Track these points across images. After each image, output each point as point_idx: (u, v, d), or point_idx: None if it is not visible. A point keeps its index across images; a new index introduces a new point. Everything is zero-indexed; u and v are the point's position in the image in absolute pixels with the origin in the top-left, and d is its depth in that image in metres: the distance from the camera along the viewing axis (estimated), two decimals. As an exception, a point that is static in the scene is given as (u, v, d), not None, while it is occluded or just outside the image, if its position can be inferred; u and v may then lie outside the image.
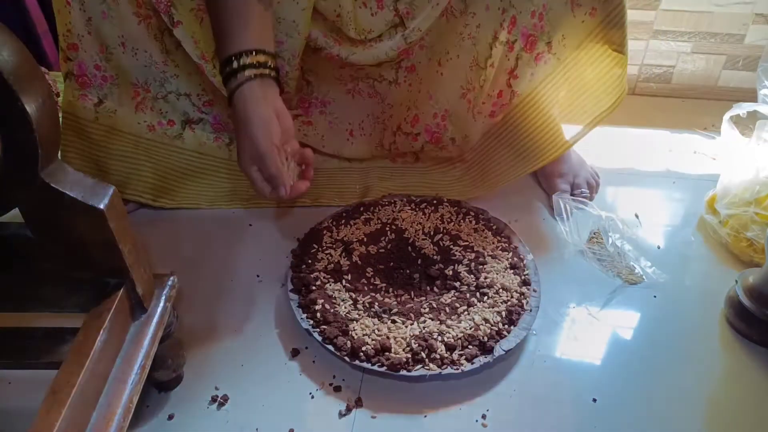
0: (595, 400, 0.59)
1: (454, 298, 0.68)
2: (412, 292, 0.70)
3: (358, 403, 0.59)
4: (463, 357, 0.60)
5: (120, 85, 0.79)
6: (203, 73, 0.76)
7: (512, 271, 0.70)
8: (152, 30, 0.75)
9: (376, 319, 0.65)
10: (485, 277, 0.69)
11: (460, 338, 0.61)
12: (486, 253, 0.73)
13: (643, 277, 0.73)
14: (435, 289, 0.70)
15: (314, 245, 0.74)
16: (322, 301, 0.66)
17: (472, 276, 0.70)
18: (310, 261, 0.72)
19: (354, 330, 0.62)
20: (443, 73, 0.81)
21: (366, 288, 0.70)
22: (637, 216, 0.83)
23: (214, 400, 0.59)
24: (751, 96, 0.81)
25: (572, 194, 0.85)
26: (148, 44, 0.76)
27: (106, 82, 0.78)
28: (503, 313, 0.64)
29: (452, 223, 0.78)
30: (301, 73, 0.82)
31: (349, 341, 0.61)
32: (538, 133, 0.82)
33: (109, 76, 0.78)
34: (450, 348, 0.60)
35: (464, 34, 0.78)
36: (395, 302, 0.68)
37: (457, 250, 0.74)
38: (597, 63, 0.78)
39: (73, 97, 0.78)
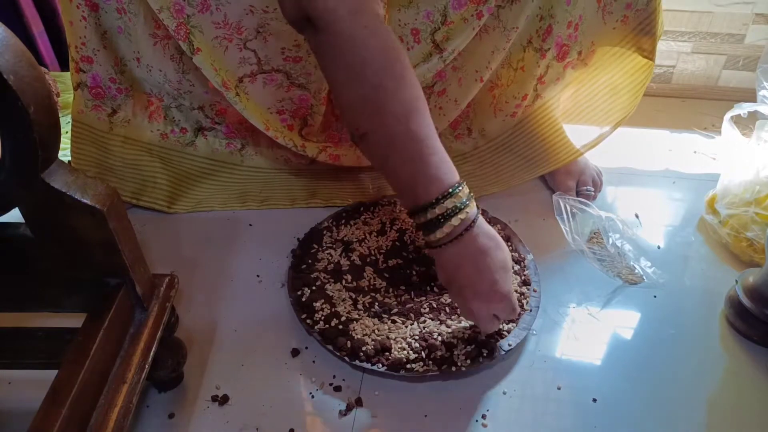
0: (595, 400, 0.59)
1: (454, 298, 0.68)
2: (412, 292, 0.70)
3: (358, 403, 0.59)
4: (463, 357, 0.60)
5: (134, 96, 0.80)
6: (223, 97, 0.75)
7: (512, 270, 0.70)
8: (169, 51, 0.75)
9: (376, 319, 0.65)
10: (485, 277, 0.69)
11: (460, 338, 0.61)
12: (486, 253, 0.73)
13: (643, 277, 0.73)
14: (435, 289, 0.70)
15: (314, 245, 0.74)
16: (322, 301, 0.66)
17: (472, 276, 0.70)
18: (310, 261, 0.72)
19: (354, 330, 0.62)
20: (484, 82, 0.80)
21: (366, 288, 0.70)
22: (637, 216, 0.83)
23: (214, 399, 0.59)
24: (751, 96, 0.81)
25: (577, 191, 0.85)
26: (163, 64, 0.76)
27: (121, 94, 0.79)
28: (503, 313, 0.64)
29: (452, 223, 0.78)
30: (330, 108, 0.81)
31: (349, 341, 0.61)
32: (556, 135, 0.82)
33: (124, 89, 0.78)
34: (450, 348, 0.60)
35: (506, 48, 0.75)
36: (395, 302, 0.68)
37: (457, 250, 0.74)
38: (622, 67, 0.79)
39: (86, 107, 0.78)
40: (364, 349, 0.60)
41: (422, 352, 0.60)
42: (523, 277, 0.69)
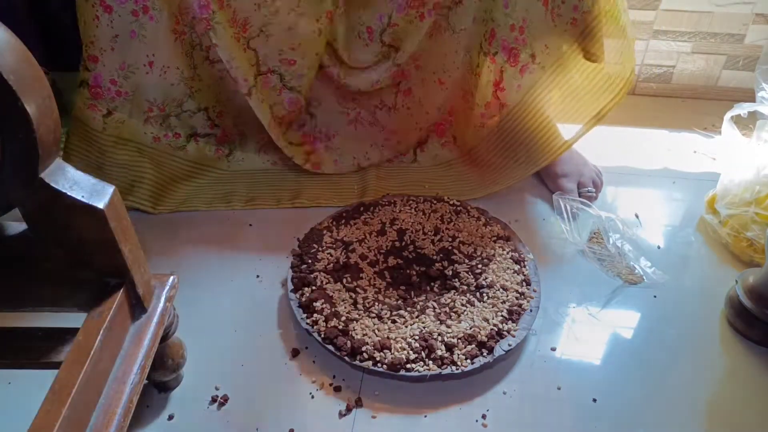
0: (595, 400, 0.59)
1: (455, 298, 0.68)
2: (412, 292, 0.70)
3: (358, 403, 0.59)
4: (463, 357, 0.60)
5: (134, 101, 0.80)
6: (229, 93, 0.78)
7: (512, 270, 0.70)
8: (185, 47, 0.76)
9: (376, 319, 0.65)
10: (485, 277, 0.69)
11: (460, 338, 0.61)
12: (486, 253, 0.73)
13: (643, 277, 0.73)
14: (435, 289, 0.70)
15: (314, 245, 0.74)
16: (322, 301, 0.66)
17: (472, 276, 0.70)
18: (310, 261, 0.72)
19: (354, 330, 0.62)
20: (447, 86, 0.82)
21: (366, 288, 0.70)
22: (637, 216, 0.83)
23: (214, 400, 0.59)
24: (751, 96, 0.81)
25: (578, 192, 0.85)
26: (180, 61, 0.77)
27: (120, 97, 0.79)
28: (503, 313, 0.64)
29: (452, 223, 0.78)
30: (306, 106, 0.84)
31: (349, 341, 0.61)
32: (535, 137, 0.82)
33: (123, 92, 0.79)
34: (450, 348, 0.60)
35: (459, 51, 0.79)
36: (395, 302, 0.68)
37: (457, 250, 0.74)
38: (584, 66, 0.77)
39: (84, 105, 0.79)
40: (364, 349, 0.60)
41: (422, 352, 0.60)
42: (523, 277, 0.69)
